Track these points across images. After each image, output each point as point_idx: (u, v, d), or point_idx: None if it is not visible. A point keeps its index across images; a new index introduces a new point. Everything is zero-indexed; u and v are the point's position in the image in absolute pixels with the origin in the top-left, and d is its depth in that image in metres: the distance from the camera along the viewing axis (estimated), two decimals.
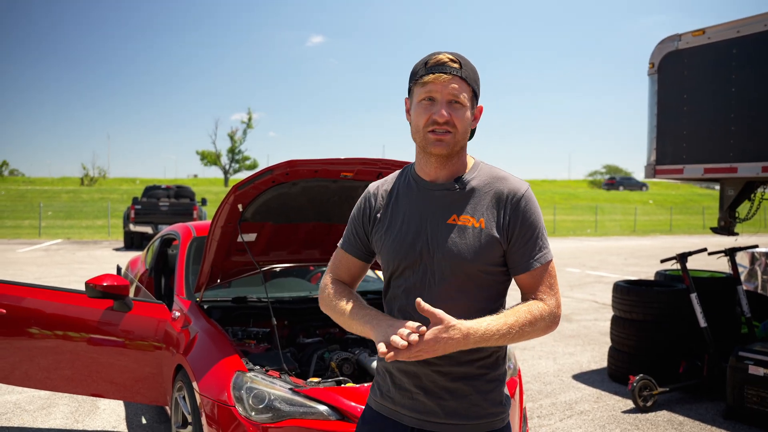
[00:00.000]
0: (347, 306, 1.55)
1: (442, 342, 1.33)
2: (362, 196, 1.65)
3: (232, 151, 57.19)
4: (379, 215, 1.59)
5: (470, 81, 1.48)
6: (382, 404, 1.58)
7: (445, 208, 1.50)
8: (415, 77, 1.50)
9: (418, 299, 1.36)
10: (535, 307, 1.45)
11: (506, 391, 1.59)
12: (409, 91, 1.54)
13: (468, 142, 1.55)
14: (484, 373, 1.50)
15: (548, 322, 1.46)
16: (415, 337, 1.33)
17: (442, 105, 1.45)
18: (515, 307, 1.45)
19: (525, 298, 1.51)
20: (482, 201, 1.49)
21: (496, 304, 1.51)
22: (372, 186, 1.66)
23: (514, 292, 1.49)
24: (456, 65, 1.47)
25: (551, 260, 1.51)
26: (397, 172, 1.65)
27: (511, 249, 1.48)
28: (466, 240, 1.46)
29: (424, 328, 1.35)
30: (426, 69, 1.47)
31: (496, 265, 1.48)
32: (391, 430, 1.54)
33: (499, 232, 1.47)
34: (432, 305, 1.39)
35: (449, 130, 1.46)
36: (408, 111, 1.56)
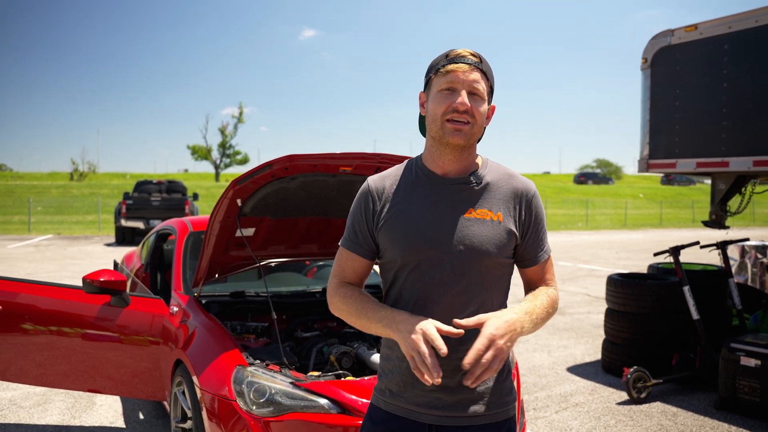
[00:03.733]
0: (362, 308, 1.50)
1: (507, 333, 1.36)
2: (360, 192, 1.59)
3: (223, 145, 56.96)
4: (385, 210, 1.54)
5: (489, 76, 1.52)
6: (395, 404, 1.54)
7: (463, 201, 1.51)
8: (436, 68, 1.50)
9: (456, 321, 1.35)
10: (550, 291, 1.57)
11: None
12: (427, 83, 1.54)
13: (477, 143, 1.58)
14: None
15: (557, 306, 1.59)
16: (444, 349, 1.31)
17: (462, 94, 1.46)
18: (535, 292, 1.55)
19: (531, 287, 1.59)
20: (497, 195, 1.53)
21: (505, 298, 1.57)
22: (371, 181, 1.59)
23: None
24: (476, 59, 1.50)
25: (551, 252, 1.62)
26: (398, 166, 1.62)
27: (524, 243, 1.55)
28: (486, 233, 1.48)
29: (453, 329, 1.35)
30: (447, 60, 1.49)
31: (509, 257, 1.54)
32: (408, 429, 1.52)
33: (515, 226, 1.52)
34: (450, 299, 1.46)
35: (468, 120, 1.47)
36: (422, 104, 1.56)
